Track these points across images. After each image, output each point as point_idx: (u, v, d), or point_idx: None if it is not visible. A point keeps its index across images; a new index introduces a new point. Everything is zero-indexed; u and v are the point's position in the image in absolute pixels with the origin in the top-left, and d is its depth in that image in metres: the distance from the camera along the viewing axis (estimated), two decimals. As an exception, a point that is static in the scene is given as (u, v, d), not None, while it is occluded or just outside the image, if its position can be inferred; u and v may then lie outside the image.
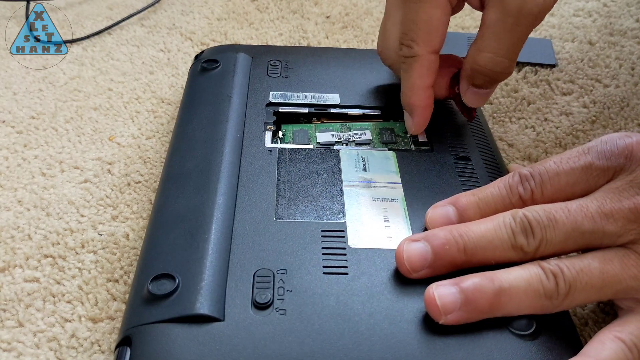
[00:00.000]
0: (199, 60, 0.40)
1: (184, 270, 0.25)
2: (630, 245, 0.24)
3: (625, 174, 0.25)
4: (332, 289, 0.25)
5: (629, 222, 0.23)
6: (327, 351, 0.23)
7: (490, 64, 0.31)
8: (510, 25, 0.30)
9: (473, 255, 0.25)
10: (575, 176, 0.25)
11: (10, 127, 0.40)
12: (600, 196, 0.24)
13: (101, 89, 0.44)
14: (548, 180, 0.26)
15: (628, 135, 0.26)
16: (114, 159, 0.37)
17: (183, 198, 0.29)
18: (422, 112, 0.33)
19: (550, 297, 0.23)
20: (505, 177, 0.27)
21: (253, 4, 0.55)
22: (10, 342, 0.27)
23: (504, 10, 0.30)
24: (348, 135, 0.35)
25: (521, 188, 0.26)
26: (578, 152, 0.26)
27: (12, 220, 0.33)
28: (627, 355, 0.22)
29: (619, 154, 0.25)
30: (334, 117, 0.36)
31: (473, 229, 0.25)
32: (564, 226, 0.24)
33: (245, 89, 0.37)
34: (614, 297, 0.24)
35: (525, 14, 0.29)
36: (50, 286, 0.29)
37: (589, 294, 0.23)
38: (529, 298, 0.23)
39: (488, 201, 0.26)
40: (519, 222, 0.24)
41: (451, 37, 0.50)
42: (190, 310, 0.23)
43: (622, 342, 0.22)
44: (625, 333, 0.23)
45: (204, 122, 0.34)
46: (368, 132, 0.35)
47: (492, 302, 0.23)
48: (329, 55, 0.41)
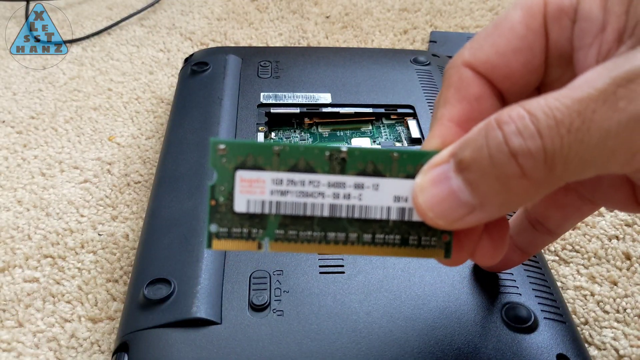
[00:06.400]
0: (189, 63, 0.40)
1: (179, 274, 0.25)
2: None
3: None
4: (329, 288, 0.25)
5: None
6: (325, 351, 0.23)
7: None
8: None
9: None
10: None
11: (10, 127, 0.40)
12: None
13: (101, 89, 0.44)
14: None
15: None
16: (113, 159, 0.37)
17: (176, 202, 0.29)
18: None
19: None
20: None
21: (253, 4, 0.55)
22: (10, 342, 0.27)
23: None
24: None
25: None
26: None
27: (11, 220, 0.33)
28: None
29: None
30: (326, 116, 0.36)
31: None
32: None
33: (236, 91, 0.37)
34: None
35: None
36: (50, 286, 0.30)
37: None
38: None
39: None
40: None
41: (452, 37, 0.50)
42: (186, 314, 0.23)
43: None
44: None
45: (196, 125, 0.34)
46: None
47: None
48: (320, 54, 0.41)
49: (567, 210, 0.23)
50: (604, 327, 0.28)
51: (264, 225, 0.19)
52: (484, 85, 0.20)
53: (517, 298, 0.25)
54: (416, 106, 0.36)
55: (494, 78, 0.20)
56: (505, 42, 0.19)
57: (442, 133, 0.19)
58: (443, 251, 0.19)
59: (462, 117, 0.20)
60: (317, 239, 0.19)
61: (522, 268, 0.26)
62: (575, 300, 0.29)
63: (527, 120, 0.16)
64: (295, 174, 0.18)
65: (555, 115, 0.16)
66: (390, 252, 0.19)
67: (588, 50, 0.19)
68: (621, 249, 0.31)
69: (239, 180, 0.18)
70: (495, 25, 0.20)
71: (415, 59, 0.40)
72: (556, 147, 0.16)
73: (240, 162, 0.18)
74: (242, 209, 0.18)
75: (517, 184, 0.16)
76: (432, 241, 0.19)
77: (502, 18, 0.20)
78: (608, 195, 0.21)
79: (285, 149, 0.18)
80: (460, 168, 0.17)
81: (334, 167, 0.18)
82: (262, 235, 0.19)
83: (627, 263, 0.31)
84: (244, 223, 0.18)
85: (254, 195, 0.18)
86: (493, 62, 0.20)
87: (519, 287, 0.25)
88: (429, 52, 0.43)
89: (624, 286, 0.30)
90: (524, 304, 0.25)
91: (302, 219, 0.19)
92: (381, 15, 0.53)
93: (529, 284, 0.26)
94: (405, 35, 0.51)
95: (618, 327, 0.28)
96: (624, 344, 0.27)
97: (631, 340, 0.27)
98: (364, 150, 0.19)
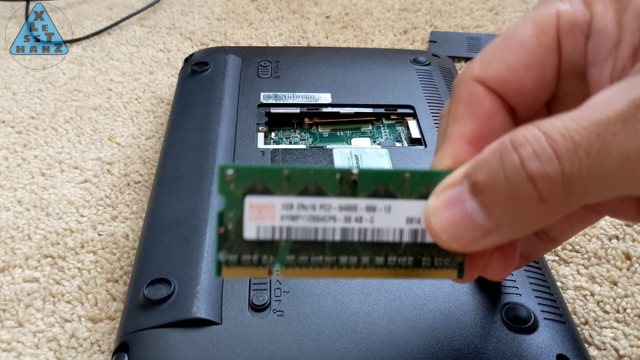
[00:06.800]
0: (189, 63, 0.40)
1: (179, 274, 0.25)
2: None
3: None
4: (329, 288, 0.25)
5: None
6: (325, 351, 0.23)
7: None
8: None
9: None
10: None
11: (10, 127, 0.40)
12: None
13: (101, 89, 0.44)
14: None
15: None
16: (113, 159, 0.37)
17: (177, 202, 0.29)
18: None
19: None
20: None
21: (253, 4, 0.55)
22: (10, 342, 0.27)
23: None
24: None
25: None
26: None
27: (11, 220, 0.33)
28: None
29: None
30: (326, 116, 0.36)
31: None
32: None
33: (236, 91, 0.37)
34: None
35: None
36: (50, 286, 0.30)
37: None
38: None
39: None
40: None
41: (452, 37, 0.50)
42: (187, 314, 0.23)
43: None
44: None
45: (196, 125, 0.34)
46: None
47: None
48: (320, 54, 0.41)
49: (571, 220, 0.22)
50: (604, 327, 0.28)
51: (275, 252, 0.18)
52: (496, 101, 0.19)
53: (517, 298, 0.25)
54: (416, 106, 0.36)
55: (505, 94, 0.19)
56: (516, 58, 0.19)
57: (453, 152, 0.19)
58: (456, 272, 0.19)
59: (474, 135, 0.19)
60: (328, 263, 0.18)
61: (522, 269, 0.26)
62: (575, 300, 0.29)
63: (544, 142, 0.15)
64: (305, 198, 0.18)
65: (573, 137, 0.15)
66: (403, 275, 0.19)
67: (602, 67, 0.18)
68: (621, 249, 0.31)
69: (248, 207, 0.18)
70: (504, 39, 0.19)
71: (415, 59, 0.40)
72: (575, 170, 0.15)
73: (249, 187, 0.18)
74: (252, 236, 0.18)
75: (534, 208, 0.16)
76: (445, 262, 0.19)
77: (512, 32, 0.19)
78: (614, 207, 0.21)
79: (295, 172, 0.18)
80: (475, 190, 0.17)
81: (345, 190, 0.18)
82: (272, 262, 0.18)
83: (627, 263, 0.31)
84: (253, 250, 0.18)
85: (264, 222, 0.18)
86: (504, 78, 0.19)
87: (519, 287, 0.25)
88: (429, 52, 0.43)
89: (624, 286, 0.30)
90: (524, 304, 0.25)
91: (313, 244, 0.18)
92: (381, 15, 0.53)
93: (529, 285, 0.26)
94: (405, 35, 0.51)
95: (618, 327, 0.28)
96: (624, 344, 0.27)
97: (631, 340, 0.27)
98: (376, 172, 0.18)
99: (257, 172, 0.18)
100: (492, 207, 0.17)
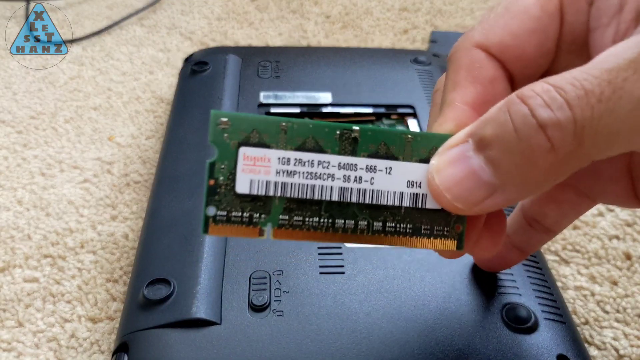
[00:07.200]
0: (189, 63, 0.40)
1: (179, 275, 0.25)
2: None
3: None
4: (329, 288, 0.25)
5: None
6: (325, 351, 0.23)
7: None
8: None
9: None
10: None
11: (10, 127, 0.40)
12: None
13: (101, 88, 0.44)
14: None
15: None
16: (113, 159, 0.37)
17: (176, 202, 0.29)
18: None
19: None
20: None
21: (253, 4, 0.55)
22: (10, 342, 0.27)
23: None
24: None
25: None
26: None
27: (11, 220, 0.33)
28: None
29: None
30: (326, 116, 0.36)
31: None
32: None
33: (236, 91, 0.37)
34: None
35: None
36: (50, 286, 0.30)
37: None
38: None
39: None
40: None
41: (452, 37, 0.50)
42: (186, 314, 0.23)
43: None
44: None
45: (196, 125, 0.34)
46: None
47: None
48: (320, 54, 0.41)
49: (564, 207, 0.22)
50: (604, 327, 0.28)
51: (268, 210, 0.17)
52: (497, 67, 0.19)
53: (517, 298, 0.25)
54: (416, 106, 0.36)
55: (507, 60, 0.19)
56: (519, 24, 0.19)
57: (456, 116, 0.18)
58: (455, 242, 0.18)
59: (476, 100, 0.19)
60: (323, 226, 0.17)
61: (522, 268, 0.26)
62: (576, 300, 0.29)
63: (554, 93, 0.15)
64: (303, 153, 0.17)
65: (584, 86, 0.15)
66: (401, 242, 0.18)
67: (605, 30, 0.18)
68: (621, 249, 0.31)
69: (242, 158, 0.17)
70: (506, 6, 0.19)
71: (415, 59, 0.40)
72: (586, 117, 0.15)
73: (244, 137, 0.16)
74: (245, 190, 0.17)
75: (544, 159, 0.15)
76: (445, 231, 0.18)
77: (514, 0, 0.19)
78: (606, 189, 0.21)
79: (293, 125, 0.17)
80: (481, 146, 0.16)
81: (345, 148, 0.17)
82: (264, 221, 0.17)
83: (627, 263, 0.31)
84: (245, 206, 0.17)
85: (258, 175, 0.17)
86: (506, 44, 0.19)
87: (519, 287, 0.25)
88: (430, 52, 0.43)
89: (624, 286, 0.30)
90: (524, 304, 0.25)
91: (308, 203, 0.17)
92: (381, 15, 0.53)
93: (529, 285, 0.26)
94: (406, 35, 0.51)
95: (618, 327, 0.28)
96: (624, 344, 0.27)
97: (631, 340, 0.27)
98: (377, 131, 0.17)
99: (254, 122, 0.17)
100: (499, 161, 0.16)
